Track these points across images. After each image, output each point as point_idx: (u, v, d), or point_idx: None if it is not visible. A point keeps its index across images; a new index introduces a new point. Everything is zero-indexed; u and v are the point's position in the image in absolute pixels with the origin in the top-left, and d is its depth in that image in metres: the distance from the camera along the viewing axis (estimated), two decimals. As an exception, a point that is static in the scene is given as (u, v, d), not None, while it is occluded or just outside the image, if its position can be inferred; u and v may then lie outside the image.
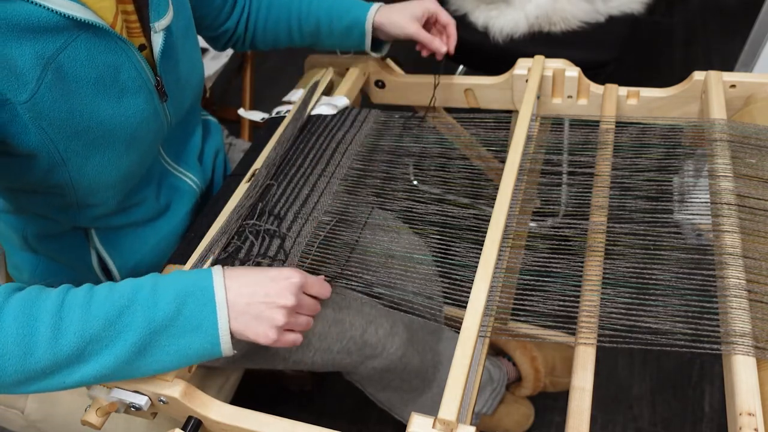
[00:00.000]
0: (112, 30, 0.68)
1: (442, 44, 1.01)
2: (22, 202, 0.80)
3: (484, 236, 0.73)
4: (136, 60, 0.72)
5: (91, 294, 0.61)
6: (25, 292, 0.60)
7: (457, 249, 0.77)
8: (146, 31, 0.76)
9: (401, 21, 0.99)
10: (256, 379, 1.18)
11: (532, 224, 0.81)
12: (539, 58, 1.00)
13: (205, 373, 0.99)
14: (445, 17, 1.01)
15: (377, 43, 1.05)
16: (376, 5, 1.01)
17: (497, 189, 0.79)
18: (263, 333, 0.65)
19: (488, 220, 0.75)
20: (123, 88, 0.72)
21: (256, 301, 0.65)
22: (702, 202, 0.76)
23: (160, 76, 0.77)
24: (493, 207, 0.77)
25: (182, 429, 0.66)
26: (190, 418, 0.67)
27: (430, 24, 1.03)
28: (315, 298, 0.71)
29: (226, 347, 0.63)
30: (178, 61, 0.81)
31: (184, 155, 0.94)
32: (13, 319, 0.58)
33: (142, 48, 0.75)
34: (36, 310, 0.59)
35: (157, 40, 0.75)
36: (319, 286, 0.71)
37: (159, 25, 0.74)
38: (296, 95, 1.06)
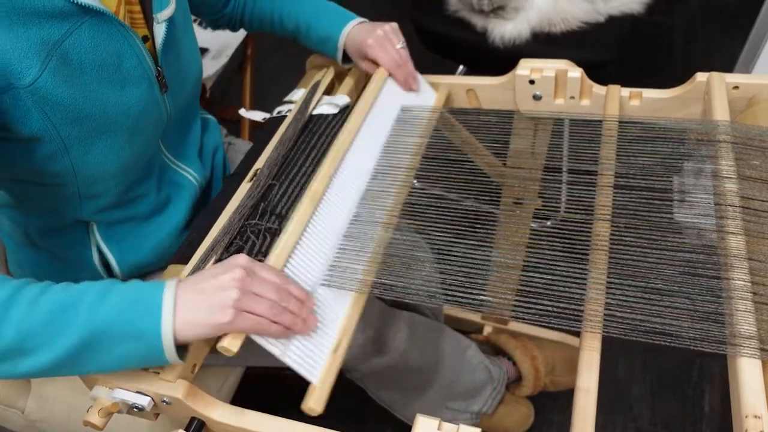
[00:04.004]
0: (116, 17, 0.69)
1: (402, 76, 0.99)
2: (25, 194, 0.80)
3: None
4: (138, 49, 0.73)
5: (44, 290, 0.60)
6: None
7: (459, 248, 0.76)
8: (149, 23, 0.77)
9: (359, 40, 0.98)
10: (256, 379, 1.18)
11: (533, 224, 0.81)
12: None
13: (206, 373, 0.99)
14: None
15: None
16: (353, 22, 1.00)
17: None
18: (217, 318, 0.60)
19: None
20: (125, 76, 0.73)
21: (204, 289, 0.62)
22: (702, 203, 0.76)
23: (161, 66, 0.78)
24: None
25: (185, 430, 0.66)
26: (193, 419, 0.67)
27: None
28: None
29: (171, 356, 0.61)
30: (179, 53, 0.82)
31: (183, 150, 0.94)
32: None
33: (145, 39, 0.76)
34: None
35: (160, 31, 0.76)
36: (268, 268, 0.67)
37: (161, 16, 0.76)
38: (297, 95, 1.06)
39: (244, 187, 0.87)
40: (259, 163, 0.90)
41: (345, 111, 0.99)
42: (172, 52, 0.81)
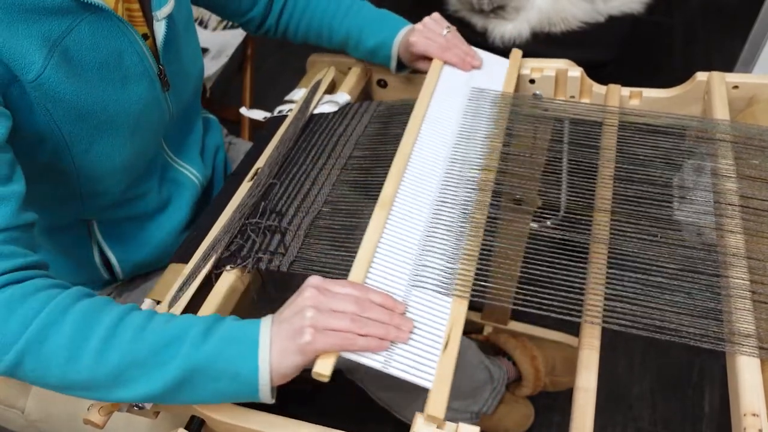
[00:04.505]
0: (115, 13, 0.70)
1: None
2: (27, 193, 0.80)
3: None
4: (138, 47, 0.74)
5: (149, 319, 0.61)
6: (93, 300, 0.61)
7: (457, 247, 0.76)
8: (149, 22, 0.77)
9: (405, 42, 0.97)
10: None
11: (533, 224, 0.81)
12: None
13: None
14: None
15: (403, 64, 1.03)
16: (405, 29, 0.98)
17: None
18: (298, 341, 0.59)
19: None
20: (126, 74, 0.73)
21: (285, 318, 0.61)
22: (702, 202, 0.76)
23: (162, 65, 0.78)
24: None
25: (185, 428, 0.66)
26: (192, 417, 0.67)
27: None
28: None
29: (265, 395, 0.60)
30: (180, 52, 0.82)
31: (185, 149, 0.94)
32: (72, 323, 0.58)
33: (145, 37, 0.76)
34: (94, 321, 0.59)
35: (160, 29, 0.76)
36: (342, 282, 0.65)
37: (161, 13, 0.76)
38: (298, 94, 1.06)
39: (245, 186, 0.87)
40: (260, 162, 0.90)
41: (345, 109, 0.99)
42: (174, 50, 0.81)
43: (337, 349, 0.60)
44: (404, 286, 0.68)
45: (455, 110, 0.90)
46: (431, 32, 0.96)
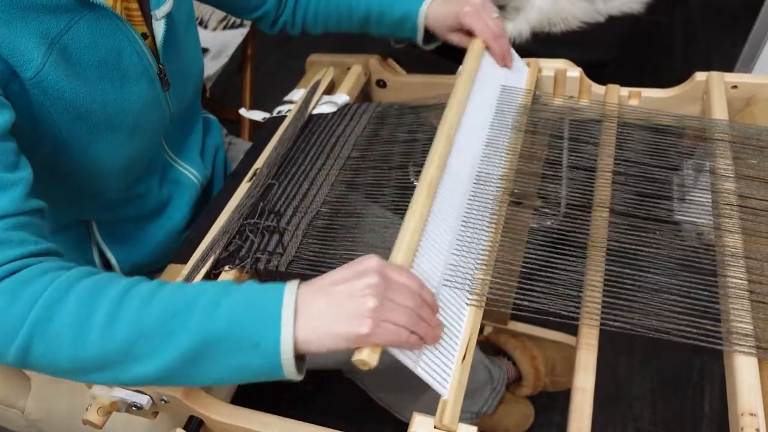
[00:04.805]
0: (113, 11, 0.69)
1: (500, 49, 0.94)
2: None
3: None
4: (138, 46, 0.74)
5: (157, 288, 0.57)
6: (98, 276, 0.58)
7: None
8: (147, 20, 0.77)
9: (452, 11, 0.93)
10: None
11: (533, 224, 0.81)
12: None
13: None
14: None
15: (430, 36, 1.00)
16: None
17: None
18: (353, 329, 0.54)
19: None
20: (125, 73, 0.73)
21: (334, 294, 0.55)
22: (702, 202, 0.76)
23: (162, 64, 0.78)
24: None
25: (184, 428, 0.66)
26: (191, 417, 0.67)
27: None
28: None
29: (290, 370, 0.55)
30: (180, 51, 0.82)
31: (185, 149, 0.94)
32: (76, 301, 0.55)
33: (144, 37, 0.76)
34: (99, 296, 0.55)
35: (159, 28, 0.76)
36: (401, 270, 0.59)
37: (159, 12, 0.76)
38: (297, 95, 1.06)
39: (244, 187, 0.87)
40: (259, 163, 0.90)
41: (344, 110, 0.99)
42: (174, 50, 0.81)
43: (389, 345, 0.56)
44: (436, 283, 0.66)
45: (488, 106, 0.88)
46: (485, 11, 0.93)
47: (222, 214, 0.83)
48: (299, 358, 0.56)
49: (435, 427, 0.59)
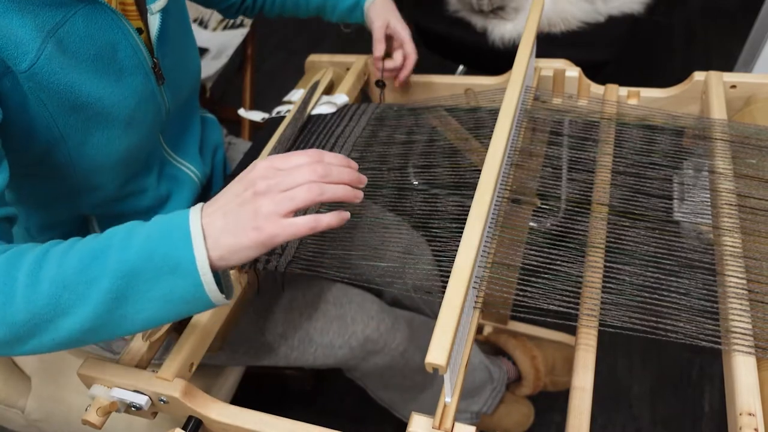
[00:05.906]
0: (109, 5, 0.70)
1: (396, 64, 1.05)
2: (25, 189, 0.80)
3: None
4: (133, 40, 0.74)
5: (73, 243, 0.57)
6: (18, 247, 0.58)
7: (456, 245, 0.77)
8: (142, 15, 0.77)
9: (375, 18, 1.03)
10: (257, 379, 1.18)
11: (533, 224, 0.81)
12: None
13: (206, 373, 1.00)
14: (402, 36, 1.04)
15: None
16: None
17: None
18: (252, 237, 0.55)
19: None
20: (121, 67, 0.73)
21: (229, 209, 0.57)
22: (702, 202, 0.76)
23: (157, 58, 0.78)
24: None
25: (183, 429, 0.66)
26: (190, 417, 0.67)
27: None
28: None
29: (211, 288, 0.56)
30: (175, 46, 0.83)
31: (183, 145, 0.95)
32: None
33: (140, 31, 0.76)
34: (19, 261, 0.56)
35: (154, 23, 0.77)
36: (297, 154, 0.59)
37: (155, 7, 0.76)
38: (296, 95, 1.06)
39: (243, 187, 0.87)
40: (258, 163, 0.90)
41: (343, 110, 0.99)
42: (168, 44, 0.81)
43: (300, 234, 0.56)
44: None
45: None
46: (409, 42, 1.05)
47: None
48: (220, 278, 0.57)
49: (433, 428, 0.59)
